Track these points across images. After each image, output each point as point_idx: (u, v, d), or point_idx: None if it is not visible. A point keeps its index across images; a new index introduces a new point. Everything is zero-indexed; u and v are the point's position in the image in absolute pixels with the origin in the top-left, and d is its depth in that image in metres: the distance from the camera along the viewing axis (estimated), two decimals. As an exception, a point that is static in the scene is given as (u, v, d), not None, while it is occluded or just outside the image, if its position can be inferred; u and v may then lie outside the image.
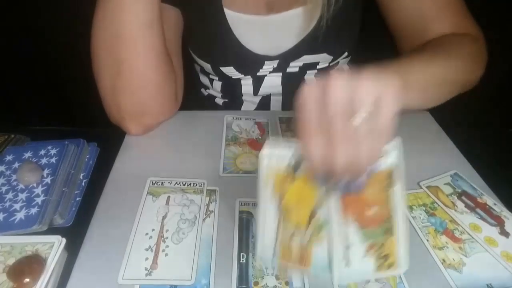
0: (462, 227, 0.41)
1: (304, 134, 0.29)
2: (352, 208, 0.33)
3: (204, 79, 0.71)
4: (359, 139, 0.28)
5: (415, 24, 0.55)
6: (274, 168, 0.32)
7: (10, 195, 0.42)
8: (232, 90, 0.67)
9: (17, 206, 0.40)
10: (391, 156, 0.32)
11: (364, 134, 0.28)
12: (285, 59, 0.61)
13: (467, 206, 0.43)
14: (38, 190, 0.42)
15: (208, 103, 0.73)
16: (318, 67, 0.63)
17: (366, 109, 0.28)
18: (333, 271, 0.33)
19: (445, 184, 0.46)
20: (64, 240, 0.36)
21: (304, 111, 0.29)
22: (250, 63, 0.61)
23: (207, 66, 0.64)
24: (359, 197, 0.33)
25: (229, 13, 0.57)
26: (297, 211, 0.33)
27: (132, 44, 0.47)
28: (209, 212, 0.42)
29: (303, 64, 0.62)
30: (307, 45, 0.58)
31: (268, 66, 0.62)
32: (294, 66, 0.62)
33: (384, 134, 0.29)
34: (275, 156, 0.32)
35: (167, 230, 0.39)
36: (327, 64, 0.63)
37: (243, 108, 0.69)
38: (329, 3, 0.53)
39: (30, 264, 0.34)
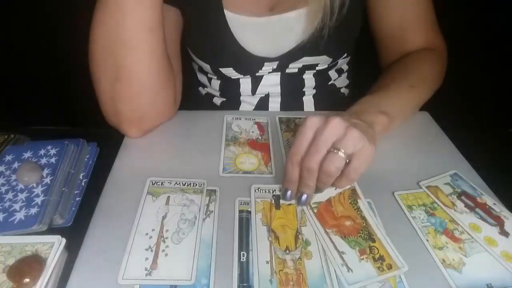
0: (462, 227, 0.41)
1: (289, 159, 0.40)
2: (330, 221, 0.41)
3: (202, 78, 0.71)
4: (331, 174, 0.38)
5: (395, 34, 0.61)
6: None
7: (9, 195, 0.41)
8: (230, 89, 0.67)
9: (16, 206, 0.40)
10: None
11: (335, 172, 0.38)
12: (284, 60, 0.61)
13: (466, 206, 0.44)
14: (38, 190, 0.42)
15: (206, 103, 0.73)
16: (317, 68, 0.63)
17: (345, 153, 0.37)
18: (337, 276, 0.35)
19: (444, 184, 0.46)
20: (64, 240, 0.36)
21: (300, 136, 0.39)
22: (250, 64, 0.61)
23: (206, 67, 0.64)
24: (332, 213, 0.42)
25: (229, 15, 0.56)
26: (284, 235, 0.39)
27: (133, 50, 0.46)
28: (209, 212, 0.42)
29: (303, 65, 0.62)
30: (308, 47, 0.58)
31: (268, 67, 0.62)
32: (293, 67, 0.62)
33: (350, 179, 0.40)
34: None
35: (167, 230, 0.39)
36: (326, 66, 0.63)
37: (241, 109, 0.69)
38: (332, 11, 0.53)
39: (30, 264, 0.34)
